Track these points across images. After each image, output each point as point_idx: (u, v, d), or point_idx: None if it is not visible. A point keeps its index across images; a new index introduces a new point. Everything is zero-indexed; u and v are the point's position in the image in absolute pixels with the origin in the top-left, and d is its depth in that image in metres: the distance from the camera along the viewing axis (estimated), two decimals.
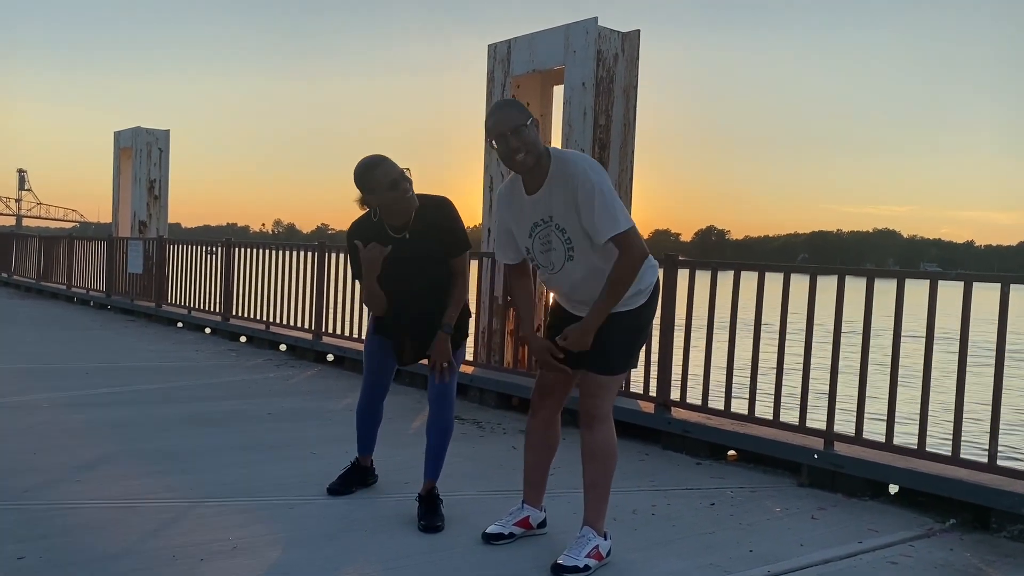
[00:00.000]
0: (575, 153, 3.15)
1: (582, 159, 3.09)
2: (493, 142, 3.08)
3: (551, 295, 3.66)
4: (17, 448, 4.65)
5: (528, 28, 9.74)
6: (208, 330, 10.76)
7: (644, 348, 5.19)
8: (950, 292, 4.35)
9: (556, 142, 6.73)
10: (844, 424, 4.67)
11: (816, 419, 4.76)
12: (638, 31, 6.33)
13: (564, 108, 6.41)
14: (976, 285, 4.19)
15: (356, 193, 3.53)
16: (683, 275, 5.40)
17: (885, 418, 4.43)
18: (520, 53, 6.82)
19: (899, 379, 4.42)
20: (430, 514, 3.61)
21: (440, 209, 3.57)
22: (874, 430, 4.60)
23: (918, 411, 4.31)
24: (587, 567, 3.12)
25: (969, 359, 4.17)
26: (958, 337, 4.17)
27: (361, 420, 4.08)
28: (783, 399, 4.87)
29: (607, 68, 6.22)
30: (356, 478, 4.10)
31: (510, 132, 3.01)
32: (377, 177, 3.39)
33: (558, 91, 6.99)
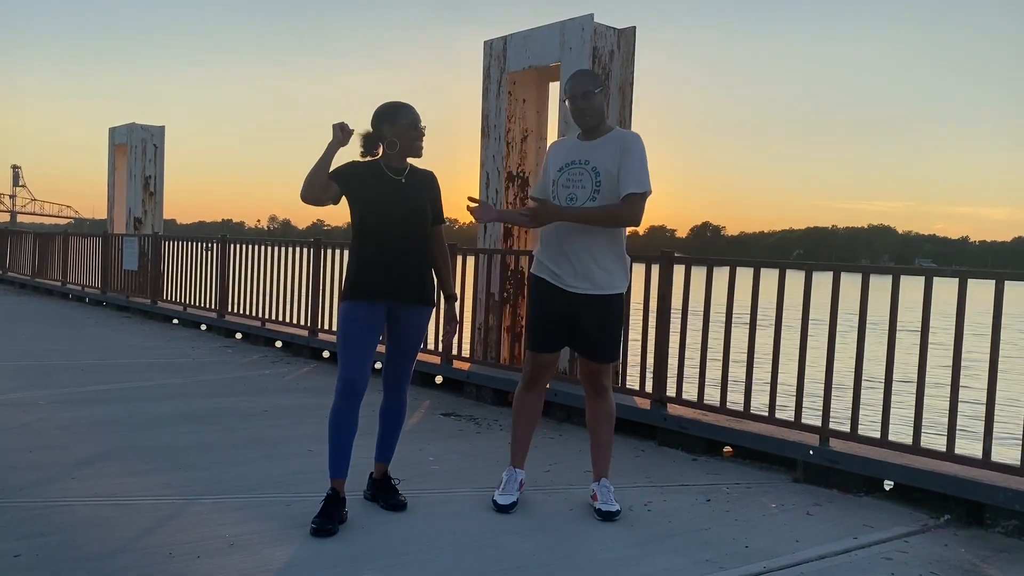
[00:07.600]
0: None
1: (640, 139, 3.75)
2: (567, 101, 3.77)
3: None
4: (13, 445, 4.65)
5: (525, 24, 9.72)
6: (203, 327, 10.75)
7: (641, 345, 5.67)
8: (944, 288, 4.36)
9: (552, 138, 6.73)
10: (839, 420, 4.68)
11: (811, 415, 4.78)
12: (634, 28, 6.33)
13: (560, 105, 6.40)
14: (971, 281, 4.21)
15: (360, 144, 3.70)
16: (679, 272, 5.41)
17: (880, 414, 4.45)
18: (516, 50, 6.82)
19: (894, 375, 4.44)
20: (389, 494, 3.85)
21: (432, 177, 3.84)
22: (869, 426, 4.61)
23: (913, 407, 4.33)
24: (619, 509, 3.80)
25: (964, 355, 4.19)
26: (952, 332, 4.18)
27: (342, 422, 3.57)
28: (778, 395, 4.89)
29: (603, 65, 6.22)
30: (337, 513, 3.52)
31: (580, 95, 3.70)
32: (404, 112, 3.69)
33: (554, 87, 7.00)
